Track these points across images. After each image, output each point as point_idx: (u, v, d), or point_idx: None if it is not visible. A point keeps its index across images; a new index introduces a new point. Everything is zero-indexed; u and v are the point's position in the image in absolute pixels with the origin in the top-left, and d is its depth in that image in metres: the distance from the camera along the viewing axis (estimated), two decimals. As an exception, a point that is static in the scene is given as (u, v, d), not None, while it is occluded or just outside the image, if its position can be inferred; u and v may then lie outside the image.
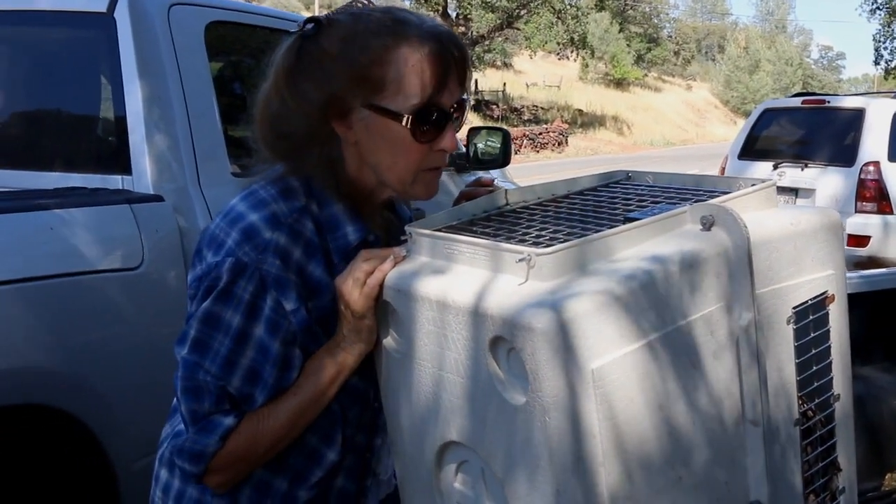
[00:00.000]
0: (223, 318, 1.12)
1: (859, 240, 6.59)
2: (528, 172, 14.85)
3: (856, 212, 6.71)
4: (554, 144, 25.85)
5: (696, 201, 1.16)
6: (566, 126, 28.41)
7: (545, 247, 1.01)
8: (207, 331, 1.13)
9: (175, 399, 1.28)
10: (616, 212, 1.21)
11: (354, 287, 1.14)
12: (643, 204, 1.24)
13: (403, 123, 1.14)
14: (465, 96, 1.21)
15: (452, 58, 1.16)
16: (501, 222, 1.25)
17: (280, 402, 1.17)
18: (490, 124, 19.85)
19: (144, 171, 2.19)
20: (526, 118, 30.33)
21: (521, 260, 1.00)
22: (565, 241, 1.05)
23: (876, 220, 6.69)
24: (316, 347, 1.19)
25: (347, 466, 1.29)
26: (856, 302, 1.23)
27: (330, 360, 1.18)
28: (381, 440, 1.33)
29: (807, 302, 1.15)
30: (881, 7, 28.71)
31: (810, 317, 1.15)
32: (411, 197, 1.25)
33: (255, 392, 1.15)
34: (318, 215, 1.19)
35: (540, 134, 25.76)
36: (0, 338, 1.75)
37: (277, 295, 1.13)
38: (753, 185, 1.21)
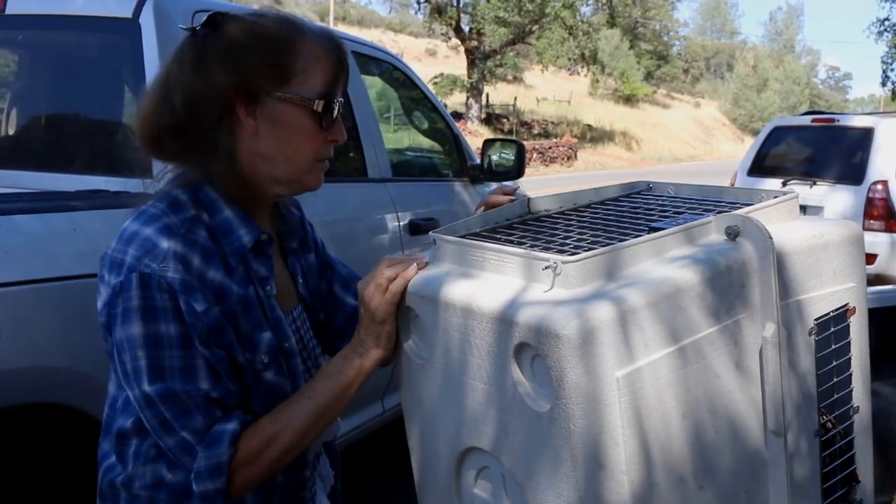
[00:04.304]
0: (161, 333, 1.12)
1: (866, 257, 6.56)
2: (538, 186, 14.84)
3: (863, 229, 6.71)
4: (563, 158, 25.85)
5: (718, 212, 1.16)
6: (575, 140, 28.43)
7: (570, 255, 1.01)
8: (155, 353, 1.12)
9: (109, 436, 1.25)
10: (639, 221, 1.21)
11: (376, 292, 1.14)
12: (666, 214, 1.24)
13: (314, 108, 1.18)
14: (340, 98, 1.24)
15: (344, 56, 1.23)
16: (525, 230, 1.25)
17: (295, 406, 1.17)
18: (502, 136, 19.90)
19: (165, 176, 2.20)
20: (536, 132, 30.35)
21: (547, 267, 0.99)
22: (590, 249, 1.04)
23: (883, 238, 6.68)
24: (230, 347, 1.18)
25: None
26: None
27: (347, 365, 1.18)
28: None
29: (829, 314, 1.15)
30: (889, 29, 28.67)
31: (832, 329, 1.15)
32: (305, 187, 1.26)
33: (227, 384, 1.15)
34: (209, 223, 1.20)
35: (550, 148, 25.78)
36: (22, 337, 1.77)
37: (187, 298, 1.13)
38: (775, 196, 1.21)
